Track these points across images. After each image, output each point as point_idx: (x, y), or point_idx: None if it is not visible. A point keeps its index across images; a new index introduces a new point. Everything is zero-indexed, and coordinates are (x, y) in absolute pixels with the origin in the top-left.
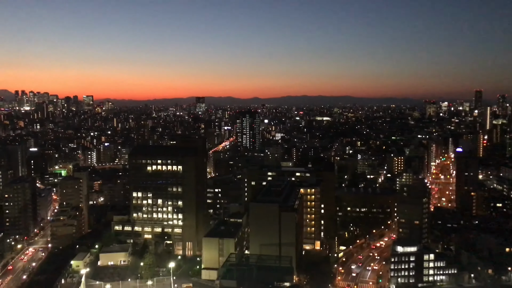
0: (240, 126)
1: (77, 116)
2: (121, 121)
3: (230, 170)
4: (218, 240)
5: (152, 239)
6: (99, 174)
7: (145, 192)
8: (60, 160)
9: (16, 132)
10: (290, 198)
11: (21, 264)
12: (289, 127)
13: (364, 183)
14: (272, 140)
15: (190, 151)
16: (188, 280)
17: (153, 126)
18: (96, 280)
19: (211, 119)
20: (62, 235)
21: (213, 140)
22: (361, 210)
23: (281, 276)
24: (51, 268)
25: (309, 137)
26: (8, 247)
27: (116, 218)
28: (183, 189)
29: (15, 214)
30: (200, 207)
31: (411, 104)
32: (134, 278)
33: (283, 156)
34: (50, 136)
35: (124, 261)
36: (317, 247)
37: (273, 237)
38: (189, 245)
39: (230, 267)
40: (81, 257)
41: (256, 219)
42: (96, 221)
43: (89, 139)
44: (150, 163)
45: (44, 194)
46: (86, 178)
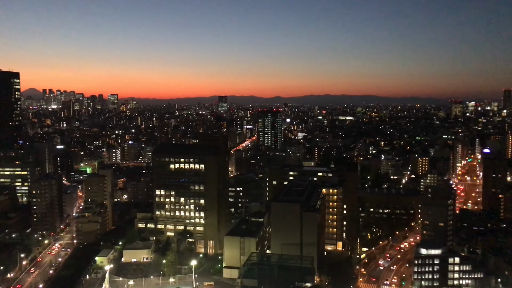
0: (262, 125)
1: (102, 114)
2: (145, 119)
3: (251, 169)
4: (239, 239)
5: (174, 236)
6: (123, 171)
7: (168, 190)
8: (85, 158)
9: (43, 130)
10: (312, 198)
11: (48, 259)
12: (311, 126)
13: (388, 183)
14: (294, 140)
15: (212, 149)
16: (210, 278)
17: (176, 125)
18: (119, 276)
19: (233, 118)
20: (87, 232)
21: (235, 139)
22: (384, 211)
23: (302, 276)
24: (76, 264)
25: (331, 137)
26: (36, 242)
27: (140, 216)
28: (205, 187)
29: (42, 210)
30: (221, 206)
31: (436, 103)
32: (157, 275)
33: (305, 155)
34: (76, 134)
35: (147, 258)
36: (339, 248)
37: (295, 237)
38: (210, 243)
39: (251, 266)
40: (105, 253)
41: (278, 219)
42: (120, 218)
43: (113, 137)
44: (173, 161)
45: (70, 191)
46: (110, 175)
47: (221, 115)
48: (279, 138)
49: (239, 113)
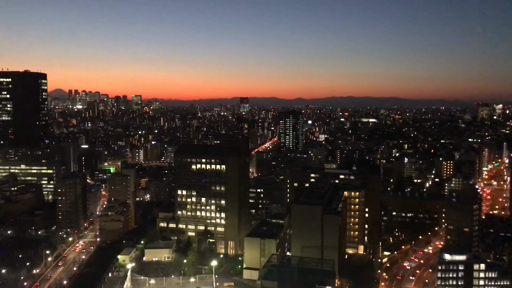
0: (283, 126)
1: (126, 115)
2: (168, 120)
3: (272, 171)
4: (259, 241)
5: (195, 236)
6: (146, 171)
7: (189, 190)
8: (109, 157)
9: (69, 130)
10: (333, 201)
11: (71, 256)
12: (333, 128)
13: (411, 187)
14: (315, 141)
15: (233, 151)
16: (230, 279)
17: (198, 126)
18: (141, 275)
19: (255, 120)
20: (110, 230)
21: (256, 140)
22: (407, 215)
23: (323, 279)
24: (99, 262)
25: (354, 139)
26: (60, 240)
27: (161, 215)
28: (226, 188)
29: (67, 208)
30: (242, 207)
31: (461, 106)
32: (178, 275)
33: (327, 157)
34: (100, 134)
35: (168, 258)
36: (360, 252)
37: (315, 240)
38: (231, 244)
39: (271, 268)
40: (127, 252)
41: (298, 221)
42: (142, 217)
43: (137, 137)
44: (195, 161)
45: (93, 189)
46: (133, 175)
47: (243, 116)
48: (300, 140)
49: (261, 114)
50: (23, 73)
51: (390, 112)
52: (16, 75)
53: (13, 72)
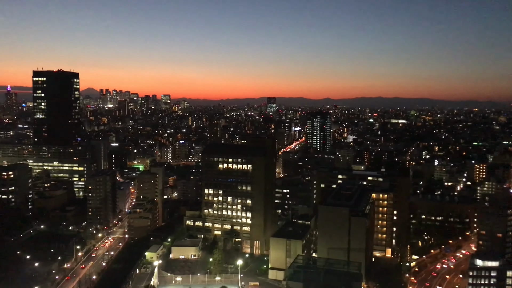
0: (311, 127)
1: (155, 114)
2: (196, 119)
3: (299, 171)
4: (285, 241)
5: (221, 235)
6: (173, 170)
7: (216, 189)
8: (138, 156)
9: (100, 128)
10: (361, 203)
11: (101, 252)
12: (362, 129)
13: (441, 190)
14: (343, 142)
15: (260, 150)
16: (255, 278)
17: (225, 125)
18: (167, 272)
19: (282, 120)
20: (138, 227)
21: (283, 141)
22: (437, 218)
23: (349, 282)
24: (127, 258)
25: (383, 140)
26: (90, 235)
27: (188, 213)
28: (252, 188)
29: (97, 205)
30: (268, 207)
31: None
32: (203, 273)
33: (355, 159)
34: (130, 133)
35: (194, 256)
36: (388, 255)
37: (342, 242)
38: (256, 243)
39: (297, 269)
40: (154, 249)
41: (325, 222)
42: (170, 215)
43: (165, 136)
44: (222, 161)
45: (123, 187)
46: (161, 173)
47: (270, 116)
48: (328, 141)
49: (288, 114)
50: (57, 73)
51: (421, 113)
52: (50, 75)
53: (48, 71)
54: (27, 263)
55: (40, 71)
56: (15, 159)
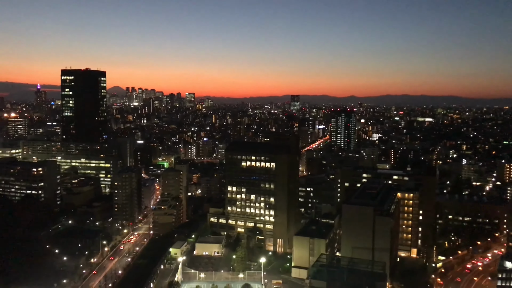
0: (335, 125)
1: (180, 112)
2: (219, 117)
3: (323, 170)
4: (309, 240)
5: (244, 233)
6: (197, 167)
7: (239, 187)
8: (163, 153)
9: (126, 126)
10: (386, 202)
11: (126, 247)
12: (387, 127)
13: (469, 190)
14: (368, 141)
15: (283, 148)
16: (278, 276)
17: (249, 123)
18: (191, 268)
19: (305, 118)
20: (162, 223)
21: (307, 139)
22: (464, 219)
23: (373, 282)
24: (151, 254)
25: (408, 139)
26: (116, 231)
27: (212, 210)
28: (275, 186)
29: (122, 201)
30: (291, 205)
31: None
32: (227, 270)
33: (380, 157)
34: (155, 130)
35: (217, 252)
36: (413, 255)
37: (366, 241)
38: (279, 242)
39: (320, 268)
40: (178, 245)
41: (349, 221)
42: (193, 212)
43: (189, 134)
44: (245, 159)
45: (148, 184)
46: (186, 170)
47: (293, 114)
48: (352, 139)
49: (312, 112)
50: (84, 71)
51: (448, 111)
52: (78, 73)
53: (75, 70)
54: (56, 257)
55: (68, 70)
56: (44, 155)
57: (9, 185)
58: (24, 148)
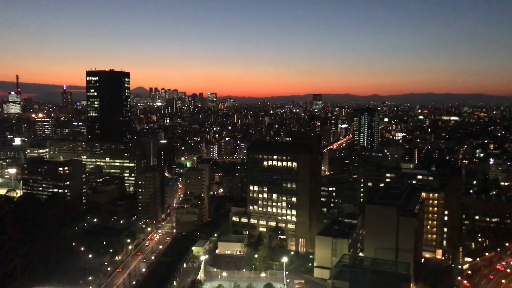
0: (358, 124)
1: (202, 112)
2: (241, 117)
3: (345, 169)
4: (331, 240)
5: (266, 232)
6: (219, 166)
7: (261, 186)
8: (186, 152)
9: (149, 126)
10: (410, 202)
11: (150, 246)
12: (411, 126)
13: (497, 190)
14: (392, 140)
15: (305, 148)
16: (300, 276)
17: (270, 123)
18: (213, 267)
19: (328, 117)
20: (185, 222)
21: (329, 138)
22: (492, 220)
23: (397, 283)
24: (174, 252)
25: (433, 138)
26: (140, 229)
27: (234, 210)
28: (297, 185)
29: (146, 200)
30: (313, 205)
31: None
32: (249, 269)
33: (404, 157)
34: (178, 130)
35: (240, 252)
36: (438, 256)
37: (390, 242)
38: (301, 241)
39: (343, 268)
40: (201, 244)
41: (372, 222)
42: (216, 211)
43: (211, 133)
44: (266, 158)
45: (171, 183)
46: (208, 170)
47: (315, 113)
48: (375, 138)
49: (334, 111)
50: (109, 72)
51: (474, 110)
52: (103, 74)
53: (100, 71)
54: (82, 254)
55: (93, 71)
56: (70, 155)
57: (37, 183)
58: (51, 148)
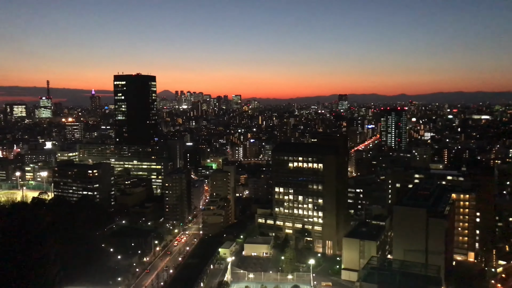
0: (385, 124)
1: (227, 114)
2: (266, 118)
3: (372, 170)
4: (359, 242)
5: (292, 234)
6: (245, 168)
7: (286, 188)
8: (211, 154)
9: (175, 128)
10: (439, 203)
11: (177, 247)
12: (440, 126)
13: None
14: (420, 140)
15: (331, 149)
16: (328, 278)
17: (295, 124)
18: (240, 268)
19: (354, 117)
20: (211, 224)
21: (355, 139)
22: None
23: (427, 286)
24: (201, 253)
25: (463, 138)
26: (167, 231)
27: (260, 211)
28: (323, 187)
29: (173, 202)
30: (340, 207)
31: None
32: (276, 271)
33: (433, 157)
34: (204, 132)
35: (266, 253)
36: (470, 259)
37: (419, 244)
38: (329, 243)
39: (371, 270)
40: (227, 245)
41: (401, 223)
42: (241, 212)
43: (236, 135)
44: (292, 159)
45: (197, 184)
46: (233, 171)
47: (341, 114)
48: (403, 138)
49: (360, 111)
50: (136, 76)
51: (507, 108)
52: (130, 78)
53: (127, 75)
54: (111, 255)
55: (120, 75)
56: (98, 158)
57: (67, 186)
58: (80, 151)
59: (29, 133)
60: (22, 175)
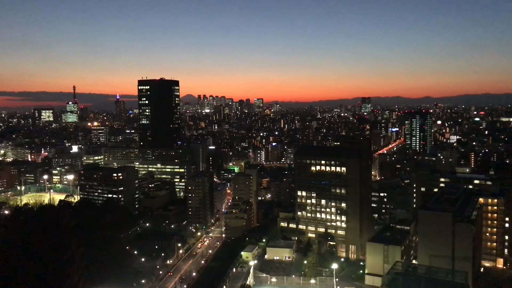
0: (409, 127)
1: (249, 117)
2: (288, 122)
3: (397, 174)
4: (383, 246)
5: (315, 238)
6: (267, 171)
7: (309, 192)
8: (233, 158)
9: (198, 132)
10: (466, 208)
11: (200, 250)
12: (466, 129)
13: None
14: (445, 143)
15: (354, 152)
16: (351, 283)
17: (318, 127)
18: (262, 272)
19: (377, 120)
20: (234, 227)
21: (379, 142)
22: None
23: None
24: (224, 257)
25: (491, 141)
26: (190, 234)
27: (282, 215)
28: (346, 191)
29: (196, 205)
30: (364, 211)
31: None
32: (298, 275)
33: (459, 161)
34: (226, 136)
35: (288, 257)
36: (499, 265)
37: (445, 249)
38: (352, 248)
39: (395, 276)
40: (250, 249)
41: (426, 228)
42: (264, 216)
43: (258, 139)
44: (314, 163)
45: (220, 188)
46: (256, 175)
47: (364, 117)
48: (428, 142)
49: (384, 114)
50: (159, 81)
51: None
52: (153, 83)
53: (151, 80)
54: (135, 258)
55: (144, 80)
56: (123, 161)
57: (92, 189)
58: (105, 155)
59: (56, 137)
60: (50, 178)
